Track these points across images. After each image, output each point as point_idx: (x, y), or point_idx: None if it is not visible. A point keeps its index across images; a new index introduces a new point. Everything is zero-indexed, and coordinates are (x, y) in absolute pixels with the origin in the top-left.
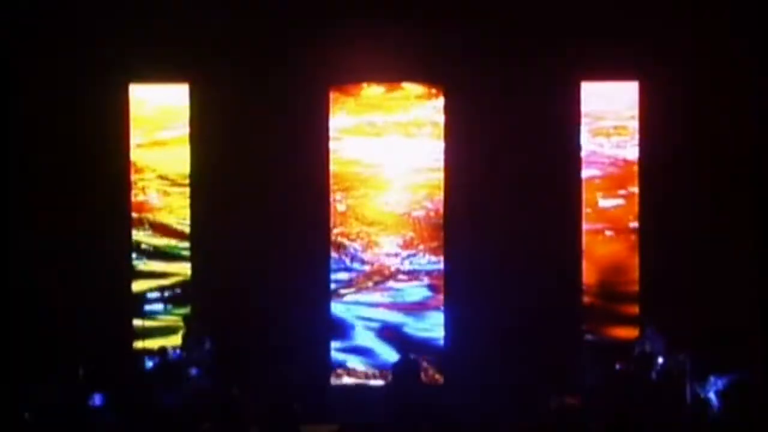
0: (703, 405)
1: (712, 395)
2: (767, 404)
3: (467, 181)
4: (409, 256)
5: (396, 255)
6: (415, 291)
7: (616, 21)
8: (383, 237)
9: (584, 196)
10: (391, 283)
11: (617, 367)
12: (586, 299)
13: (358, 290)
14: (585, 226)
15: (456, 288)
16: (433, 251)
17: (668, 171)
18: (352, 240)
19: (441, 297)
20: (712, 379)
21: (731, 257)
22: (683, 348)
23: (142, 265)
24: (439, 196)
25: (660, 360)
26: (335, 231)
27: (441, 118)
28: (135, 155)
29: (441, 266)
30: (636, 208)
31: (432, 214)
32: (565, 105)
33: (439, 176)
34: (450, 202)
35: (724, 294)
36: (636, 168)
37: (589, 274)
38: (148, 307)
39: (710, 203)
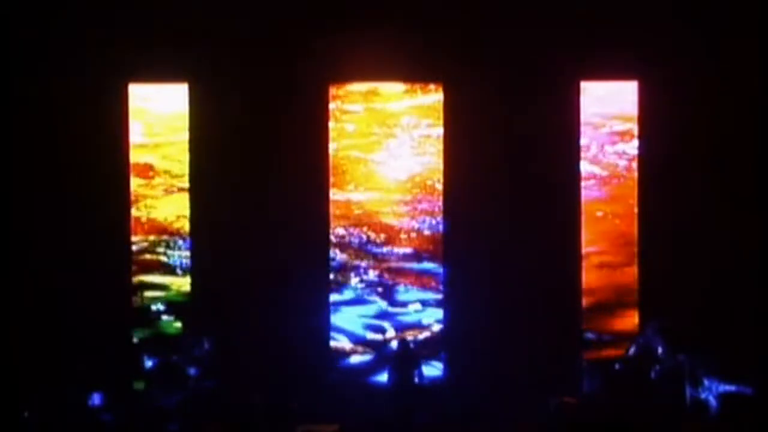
0: (702, 407)
1: (711, 398)
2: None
3: (466, 180)
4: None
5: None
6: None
7: (616, 20)
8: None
9: (583, 194)
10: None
11: (616, 367)
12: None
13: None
14: (584, 224)
15: (455, 287)
16: (433, 252)
17: (668, 170)
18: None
19: (440, 296)
20: (706, 382)
21: (732, 257)
22: (682, 349)
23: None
24: (438, 195)
25: (659, 361)
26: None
27: (440, 118)
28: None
29: (440, 265)
30: (635, 207)
31: (431, 213)
32: (565, 104)
33: (438, 175)
34: (448, 202)
35: (724, 295)
36: (635, 167)
37: (588, 274)
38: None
39: (711, 203)
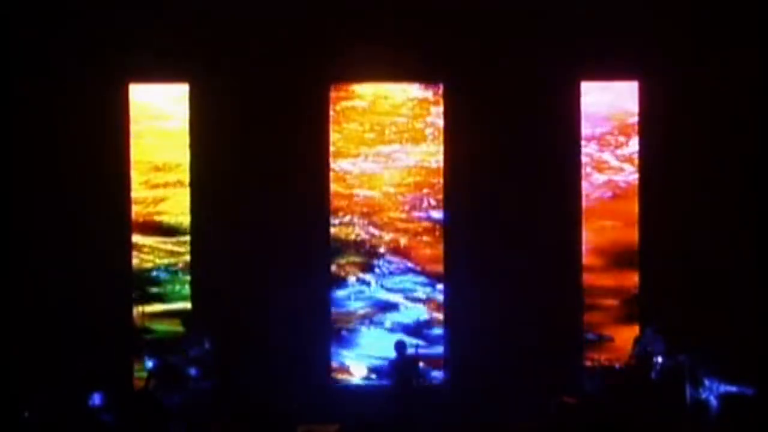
0: (702, 407)
1: (711, 398)
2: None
3: (467, 180)
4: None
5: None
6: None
7: (617, 20)
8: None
9: (584, 194)
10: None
11: (617, 367)
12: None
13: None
14: (585, 225)
15: (456, 288)
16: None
17: (668, 170)
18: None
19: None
20: (706, 382)
21: (733, 258)
22: (683, 349)
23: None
24: (439, 196)
25: (660, 361)
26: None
27: (440, 118)
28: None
29: (441, 266)
30: (636, 208)
31: (431, 213)
32: (565, 104)
33: (438, 176)
34: (449, 202)
35: (725, 295)
36: (636, 166)
37: (589, 274)
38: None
39: (711, 203)
